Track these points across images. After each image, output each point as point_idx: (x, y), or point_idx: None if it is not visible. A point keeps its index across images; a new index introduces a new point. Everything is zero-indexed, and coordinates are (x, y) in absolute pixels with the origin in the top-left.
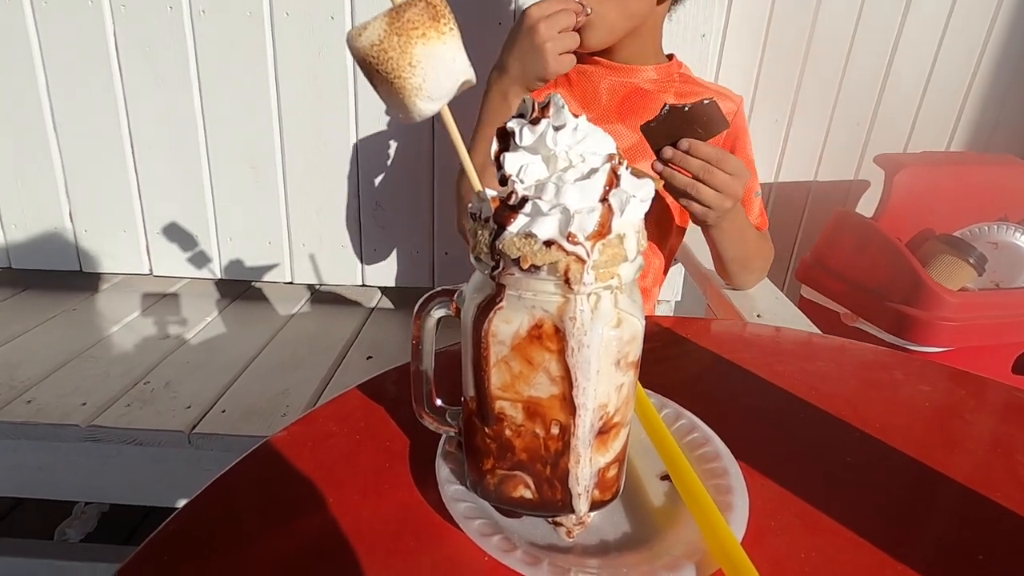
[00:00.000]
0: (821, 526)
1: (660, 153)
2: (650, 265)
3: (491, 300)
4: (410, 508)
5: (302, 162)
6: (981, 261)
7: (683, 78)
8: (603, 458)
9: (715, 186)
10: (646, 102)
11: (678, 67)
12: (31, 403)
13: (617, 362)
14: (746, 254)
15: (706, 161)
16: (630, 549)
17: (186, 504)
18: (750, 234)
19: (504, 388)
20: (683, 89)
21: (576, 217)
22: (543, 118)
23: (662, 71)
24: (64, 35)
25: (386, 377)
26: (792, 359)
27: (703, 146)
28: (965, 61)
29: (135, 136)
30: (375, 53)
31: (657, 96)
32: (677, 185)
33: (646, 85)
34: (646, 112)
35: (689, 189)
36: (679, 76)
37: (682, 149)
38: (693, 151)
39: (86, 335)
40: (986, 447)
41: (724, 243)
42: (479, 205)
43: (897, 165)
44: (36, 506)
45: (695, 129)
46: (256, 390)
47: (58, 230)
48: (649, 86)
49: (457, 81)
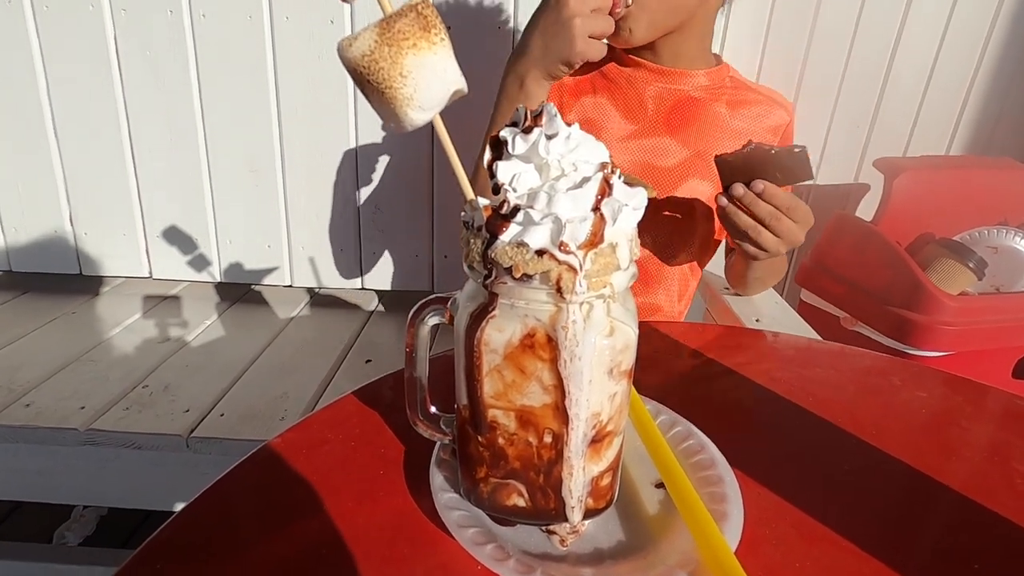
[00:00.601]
0: (816, 535)
1: (730, 189)
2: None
3: (484, 309)
4: (405, 515)
5: (302, 165)
6: (981, 265)
7: (735, 83)
8: (596, 467)
9: (779, 233)
10: (697, 113)
11: (728, 71)
12: (30, 407)
13: (610, 371)
14: (772, 275)
15: (777, 208)
16: (624, 558)
17: (182, 509)
18: (782, 258)
19: (497, 397)
20: (735, 97)
21: (568, 226)
22: (536, 127)
23: (713, 76)
24: (65, 38)
25: (382, 383)
26: (789, 365)
27: (779, 192)
28: (965, 62)
29: (135, 139)
30: (366, 64)
31: (708, 105)
32: (739, 224)
33: (696, 93)
34: (697, 124)
35: (751, 231)
36: (730, 81)
37: (755, 191)
38: (767, 196)
39: (85, 338)
40: (983, 454)
41: (757, 269)
42: (472, 214)
43: (896, 169)
44: (35, 509)
45: (774, 173)
46: (255, 394)
47: (58, 233)
48: (699, 94)
49: (448, 91)
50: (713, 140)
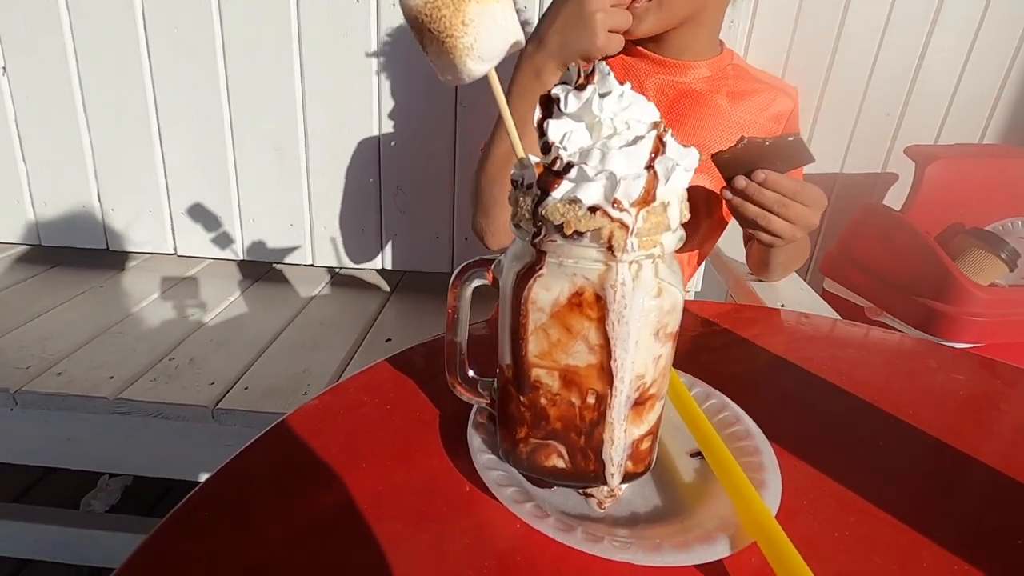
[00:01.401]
0: (855, 506)
1: (732, 182)
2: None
3: (531, 267)
4: (441, 475)
5: (325, 146)
6: (1013, 256)
7: (736, 71)
8: (638, 430)
9: (789, 218)
10: (697, 106)
11: (730, 58)
12: (61, 375)
13: (656, 332)
14: (794, 260)
15: (782, 195)
16: (661, 522)
17: (223, 466)
18: (803, 242)
19: (541, 356)
20: (736, 87)
21: (622, 183)
22: (588, 84)
23: (715, 67)
24: (94, 17)
25: (414, 352)
26: (821, 345)
27: (781, 179)
28: (1003, 49)
29: (162, 117)
30: (428, 11)
31: (709, 98)
32: (748, 215)
33: (697, 85)
34: (696, 118)
35: (760, 220)
36: (732, 70)
37: (757, 180)
38: (769, 184)
39: (113, 311)
40: (1022, 435)
41: (778, 255)
42: (521, 172)
43: (929, 157)
44: (62, 478)
45: (774, 162)
46: (277, 369)
47: (86, 209)
48: (700, 86)
49: (508, 42)
50: (713, 134)
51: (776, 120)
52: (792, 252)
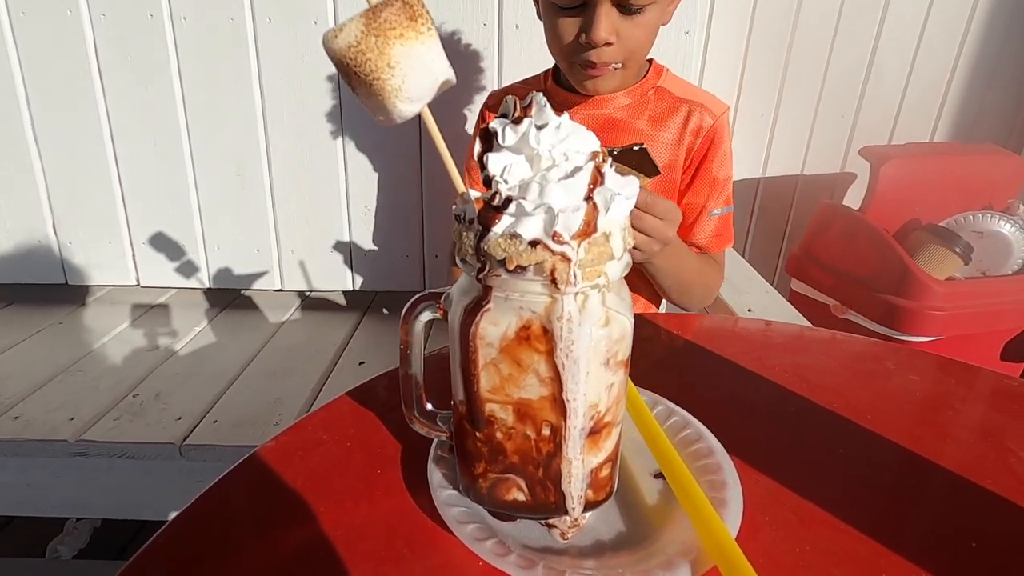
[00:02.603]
0: (815, 519)
1: None
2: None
3: (478, 302)
4: (403, 514)
5: (289, 168)
6: (967, 250)
7: (659, 94)
8: (595, 458)
9: (643, 230)
10: (618, 132)
11: (655, 80)
12: (18, 419)
13: (606, 361)
14: (683, 283)
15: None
16: (625, 549)
17: (174, 518)
18: (688, 264)
19: (494, 391)
20: (657, 109)
21: (561, 216)
22: (525, 117)
23: (635, 93)
24: (43, 45)
25: (376, 383)
26: (783, 352)
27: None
28: (946, 51)
29: (118, 145)
30: (352, 55)
31: (629, 124)
32: None
33: (618, 114)
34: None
35: None
36: (654, 93)
37: None
38: None
39: (73, 349)
40: (976, 434)
41: (659, 276)
42: (463, 207)
43: (882, 157)
44: (26, 523)
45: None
46: (248, 399)
47: (42, 243)
48: (621, 114)
49: (437, 81)
50: None
51: (695, 135)
52: (676, 276)
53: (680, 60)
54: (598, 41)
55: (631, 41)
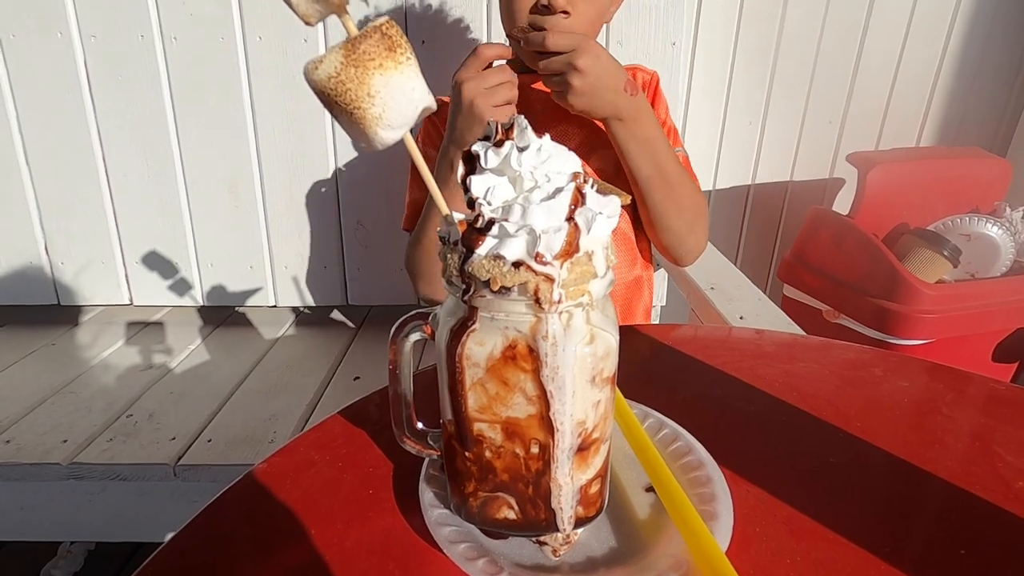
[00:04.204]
0: (805, 530)
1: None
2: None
3: (464, 323)
4: (395, 534)
5: (282, 184)
6: (955, 253)
7: None
8: (584, 475)
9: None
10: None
11: None
12: (10, 443)
13: (592, 378)
14: (666, 176)
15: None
16: (617, 564)
17: (168, 541)
18: (663, 149)
19: (481, 410)
20: None
21: (543, 237)
22: (507, 139)
23: None
24: (33, 67)
25: (368, 401)
26: (773, 361)
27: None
28: (930, 56)
29: (110, 165)
30: (332, 85)
31: None
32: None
33: None
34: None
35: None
36: None
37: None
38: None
39: (66, 370)
40: (966, 440)
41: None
42: (447, 229)
43: (869, 163)
44: (19, 548)
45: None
46: (243, 418)
47: (33, 263)
48: None
49: (417, 108)
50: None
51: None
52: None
53: (668, 70)
54: (557, 6)
55: (583, 17)
